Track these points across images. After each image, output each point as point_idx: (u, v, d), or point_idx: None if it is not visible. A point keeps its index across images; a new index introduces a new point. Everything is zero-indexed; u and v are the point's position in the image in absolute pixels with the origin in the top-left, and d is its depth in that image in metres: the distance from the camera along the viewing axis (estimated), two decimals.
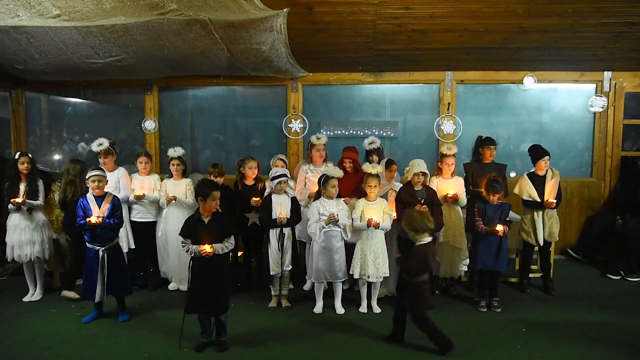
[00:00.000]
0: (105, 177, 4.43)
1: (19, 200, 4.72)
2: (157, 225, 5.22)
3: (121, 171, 5.14)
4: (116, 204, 4.39)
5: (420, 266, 3.72)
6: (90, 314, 4.47)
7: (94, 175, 4.30)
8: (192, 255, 3.78)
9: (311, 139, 5.23)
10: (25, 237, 4.84)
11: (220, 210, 3.98)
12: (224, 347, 3.88)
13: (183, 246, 3.84)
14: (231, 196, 4.99)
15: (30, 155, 4.95)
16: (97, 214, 4.24)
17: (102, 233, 4.27)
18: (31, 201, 4.81)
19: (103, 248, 4.28)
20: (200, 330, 3.92)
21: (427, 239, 3.75)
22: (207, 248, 3.68)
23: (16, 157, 4.89)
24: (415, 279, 3.74)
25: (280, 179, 4.57)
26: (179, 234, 3.90)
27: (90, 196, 4.34)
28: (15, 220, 4.85)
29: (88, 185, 4.36)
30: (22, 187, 4.82)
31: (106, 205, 4.32)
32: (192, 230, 3.81)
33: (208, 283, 3.76)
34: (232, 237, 3.87)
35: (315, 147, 5.16)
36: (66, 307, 4.78)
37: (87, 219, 4.18)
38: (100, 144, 5.07)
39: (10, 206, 4.76)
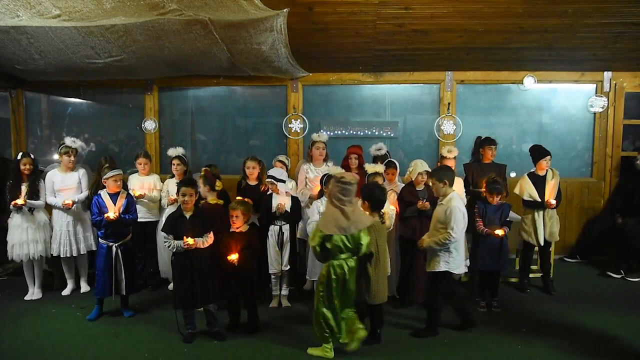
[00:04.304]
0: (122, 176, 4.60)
1: (20, 201, 4.75)
2: (159, 226, 5.22)
3: (82, 171, 5.13)
4: (130, 200, 4.58)
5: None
6: (94, 311, 4.51)
7: (117, 175, 4.49)
8: (174, 250, 3.91)
9: (312, 136, 5.33)
10: (27, 236, 4.86)
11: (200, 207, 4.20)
12: (221, 336, 4.02)
13: (165, 242, 3.98)
14: (224, 197, 4.98)
15: (32, 156, 4.97)
16: (112, 210, 4.37)
17: (117, 229, 4.42)
18: (32, 201, 4.84)
19: (117, 244, 4.40)
20: (185, 322, 4.03)
21: None
22: (189, 240, 3.83)
23: (18, 157, 4.91)
24: None
25: (268, 179, 4.69)
26: (162, 230, 4.08)
27: (104, 194, 4.48)
28: (17, 220, 4.88)
29: (106, 184, 4.49)
30: (24, 187, 4.85)
31: (121, 202, 4.48)
32: (174, 226, 3.95)
33: (190, 276, 3.92)
34: (211, 232, 4.03)
35: (315, 145, 5.20)
36: (66, 307, 4.79)
37: (106, 215, 4.33)
38: (73, 141, 5.04)
39: (12, 207, 4.78)
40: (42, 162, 6.45)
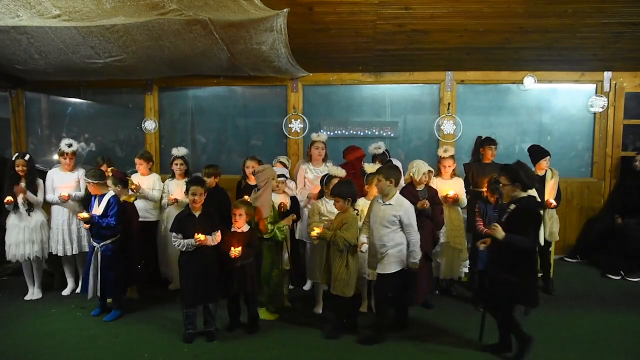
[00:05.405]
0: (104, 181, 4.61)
1: (17, 195, 4.76)
2: (159, 226, 5.23)
3: (81, 171, 5.14)
4: (111, 202, 4.47)
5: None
6: (97, 308, 4.57)
7: (94, 183, 4.51)
8: (184, 249, 3.94)
9: (311, 136, 5.35)
10: (24, 236, 4.86)
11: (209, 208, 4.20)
12: (213, 336, 4.03)
13: (174, 241, 3.99)
14: (224, 197, 4.98)
15: (27, 158, 4.92)
16: (95, 211, 4.42)
17: (97, 230, 4.45)
18: (31, 194, 4.83)
19: (99, 244, 4.42)
20: (186, 322, 4.03)
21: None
22: (201, 237, 3.88)
23: (13, 158, 4.92)
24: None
25: (278, 179, 4.60)
26: (170, 230, 4.10)
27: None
28: (14, 220, 4.89)
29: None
30: (22, 185, 4.85)
31: (103, 204, 4.47)
32: (183, 225, 3.98)
33: (196, 275, 3.95)
34: (219, 231, 4.06)
35: (314, 145, 5.20)
36: (66, 307, 4.78)
37: (79, 215, 4.44)
38: (69, 145, 5.05)
39: (7, 205, 4.79)
40: (42, 162, 6.47)
